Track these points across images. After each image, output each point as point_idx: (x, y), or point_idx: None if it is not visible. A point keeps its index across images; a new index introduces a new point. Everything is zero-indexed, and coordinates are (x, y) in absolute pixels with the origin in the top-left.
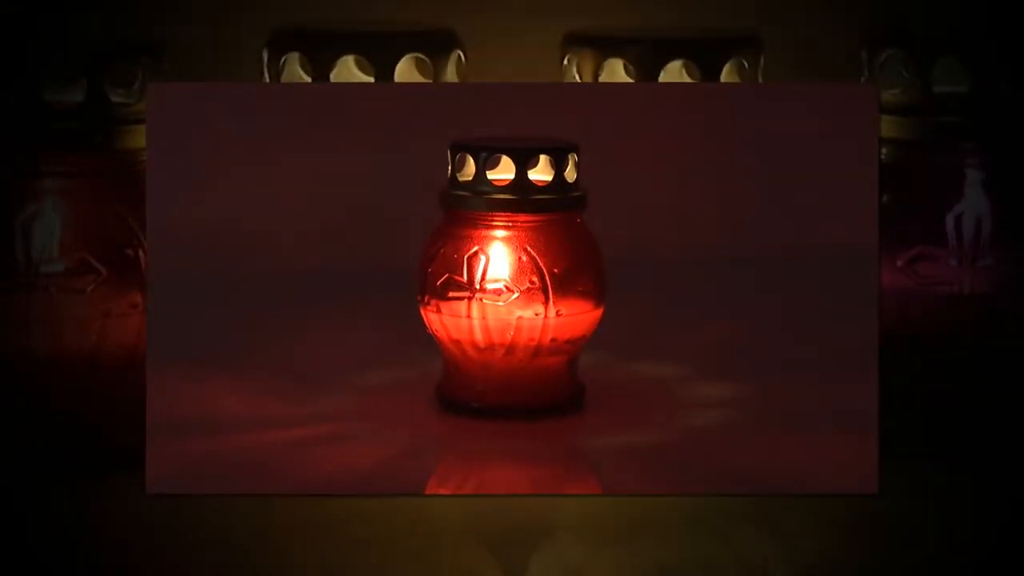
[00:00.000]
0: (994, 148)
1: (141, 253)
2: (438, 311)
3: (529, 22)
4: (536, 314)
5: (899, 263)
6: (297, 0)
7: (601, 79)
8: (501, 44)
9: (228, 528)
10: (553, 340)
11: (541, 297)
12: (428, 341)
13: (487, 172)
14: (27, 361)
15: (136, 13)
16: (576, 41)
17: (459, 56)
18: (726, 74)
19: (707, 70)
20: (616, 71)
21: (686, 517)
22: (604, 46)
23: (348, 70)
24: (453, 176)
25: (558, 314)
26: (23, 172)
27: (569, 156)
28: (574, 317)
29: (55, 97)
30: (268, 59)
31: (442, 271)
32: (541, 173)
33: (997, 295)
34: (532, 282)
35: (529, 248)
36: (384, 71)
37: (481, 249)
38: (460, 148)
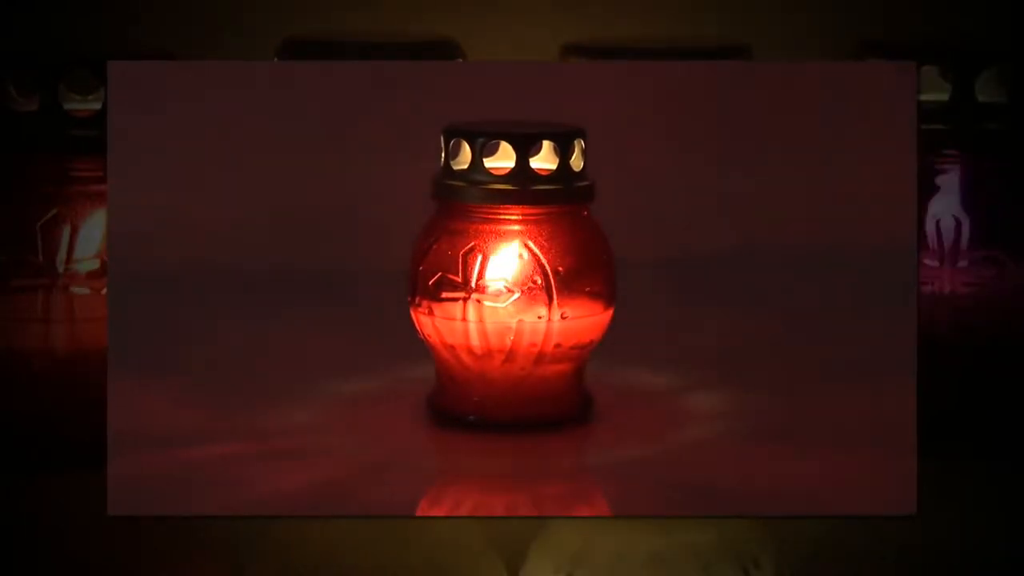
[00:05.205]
0: (973, 154)
1: None
2: (430, 313)
3: (529, 31)
4: (539, 317)
5: None
6: (304, 10)
7: None
8: (502, 52)
9: (202, 550)
10: (558, 346)
11: (544, 298)
12: (419, 346)
13: (484, 160)
14: (47, 359)
15: (148, 23)
16: (573, 51)
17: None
18: None
19: None
20: None
21: None
22: (600, 55)
23: None
24: (447, 164)
25: (563, 317)
26: (44, 177)
27: (575, 142)
28: (581, 320)
29: (75, 105)
30: None
31: (435, 269)
32: (544, 161)
33: (978, 295)
34: (534, 282)
35: (531, 244)
36: None
37: (478, 245)
38: (455, 133)
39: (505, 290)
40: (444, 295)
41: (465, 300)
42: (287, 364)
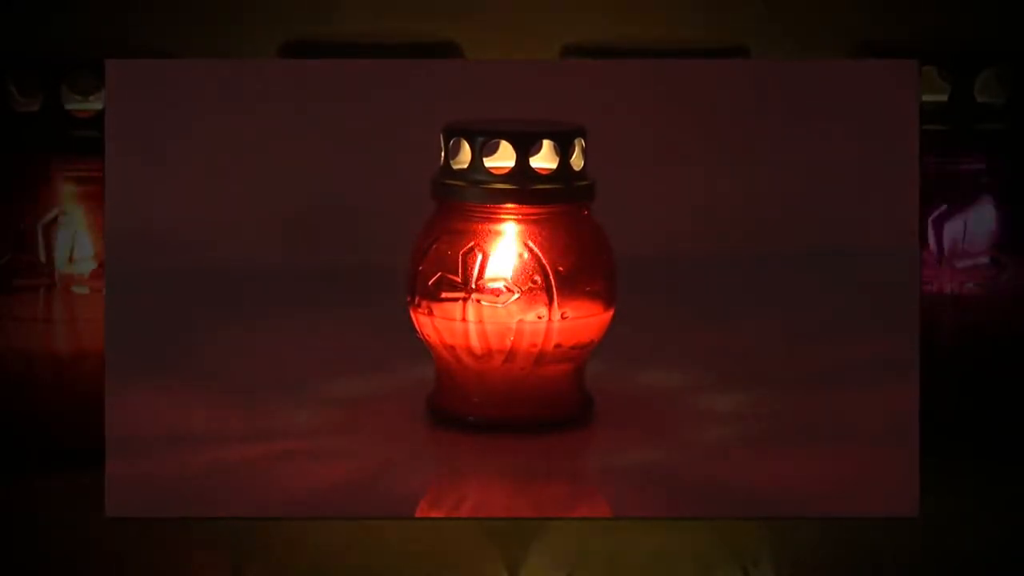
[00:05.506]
0: (973, 154)
1: None
2: (430, 314)
3: (529, 31)
4: (539, 317)
5: None
6: (304, 10)
7: None
8: (502, 52)
9: (202, 551)
10: (558, 346)
11: (544, 298)
12: (419, 346)
13: (484, 159)
14: (47, 359)
15: (148, 23)
16: (573, 51)
17: None
18: None
19: None
20: None
21: None
22: (600, 55)
23: None
24: (447, 163)
25: (563, 317)
26: (46, 177)
27: (575, 141)
28: (581, 320)
29: (76, 105)
30: None
31: (434, 269)
32: (544, 160)
33: (978, 295)
34: (534, 281)
35: (531, 244)
36: None
37: (478, 245)
38: (455, 132)
39: (505, 290)
40: (444, 295)
41: (465, 300)
42: (286, 364)
